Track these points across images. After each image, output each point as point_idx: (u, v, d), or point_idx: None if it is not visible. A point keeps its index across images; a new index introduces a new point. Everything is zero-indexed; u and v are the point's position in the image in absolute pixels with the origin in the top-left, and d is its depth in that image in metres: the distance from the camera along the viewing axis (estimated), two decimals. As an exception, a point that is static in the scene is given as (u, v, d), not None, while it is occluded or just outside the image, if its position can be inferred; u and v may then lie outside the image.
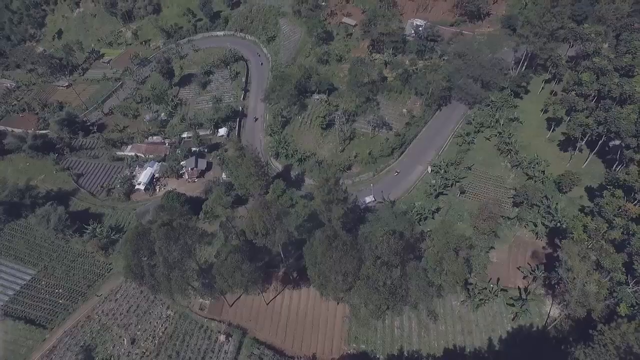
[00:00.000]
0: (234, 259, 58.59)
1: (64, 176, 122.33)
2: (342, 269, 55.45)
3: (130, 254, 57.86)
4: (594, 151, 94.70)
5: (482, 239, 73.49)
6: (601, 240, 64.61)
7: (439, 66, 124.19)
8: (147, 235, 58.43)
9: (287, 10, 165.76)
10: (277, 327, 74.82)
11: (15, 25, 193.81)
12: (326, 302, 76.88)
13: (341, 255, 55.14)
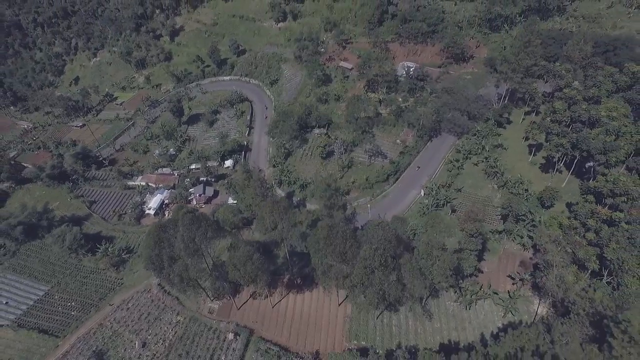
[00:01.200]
0: (246, 250, 66.17)
1: (77, 203, 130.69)
2: (340, 256, 62.97)
3: (152, 244, 65.33)
4: (571, 171, 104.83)
5: (471, 241, 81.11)
6: (575, 236, 72.68)
7: (428, 101, 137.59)
8: (168, 228, 66.35)
9: (289, 56, 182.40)
10: (282, 327, 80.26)
11: (37, 73, 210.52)
12: (328, 304, 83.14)
13: (340, 242, 62.89)
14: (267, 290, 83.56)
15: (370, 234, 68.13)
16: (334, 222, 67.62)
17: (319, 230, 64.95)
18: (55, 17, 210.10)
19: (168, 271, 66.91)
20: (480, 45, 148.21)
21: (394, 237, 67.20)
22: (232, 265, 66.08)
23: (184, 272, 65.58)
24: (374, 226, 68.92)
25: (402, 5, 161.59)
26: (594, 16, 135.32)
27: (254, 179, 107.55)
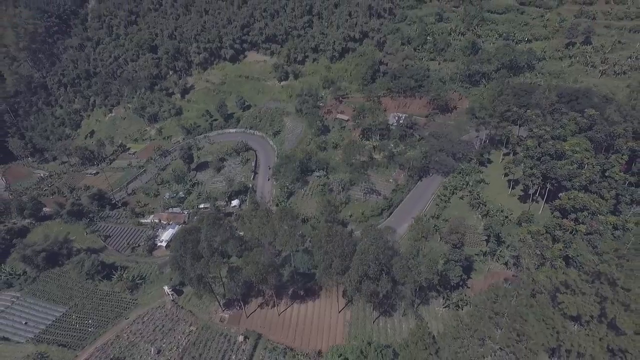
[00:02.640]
0: (258, 251, 77.88)
1: (93, 237, 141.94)
2: (340, 251, 74.85)
3: (178, 245, 77.19)
4: (545, 200, 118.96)
5: (455, 252, 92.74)
6: (543, 241, 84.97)
7: (417, 145, 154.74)
8: (194, 232, 78.63)
9: (291, 110, 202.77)
10: (288, 331, 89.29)
11: (56, 127, 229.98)
12: (329, 312, 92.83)
13: (339, 239, 74.95)
14: (274, 300, 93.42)
15: (365, 234, 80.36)
16: (334, 224, 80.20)
17: (322, 230, 77.31)
18: (78, 78, 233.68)
19: (190, 271, 77.93)
20: (462, 98, 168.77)
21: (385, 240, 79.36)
22: (246, 263, 77.44)
23: (204, 269, 76.63)
24: (367, 228, 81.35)
25: (392, 65, 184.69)
26: (558, 72, 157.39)
27: (260, 209, 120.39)
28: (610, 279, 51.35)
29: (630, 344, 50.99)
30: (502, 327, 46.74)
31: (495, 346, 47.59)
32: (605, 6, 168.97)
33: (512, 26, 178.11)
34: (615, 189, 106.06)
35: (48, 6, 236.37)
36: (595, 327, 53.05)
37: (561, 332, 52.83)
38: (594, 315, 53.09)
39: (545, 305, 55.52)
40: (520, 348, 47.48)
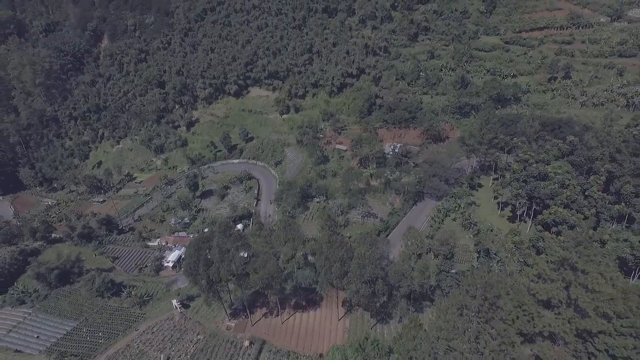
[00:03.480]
0: (265, 257, 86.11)
1: (102, 259, 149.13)
2: (339, 256, 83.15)
3: (192, 252, 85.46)
4: (531, 218, 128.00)
5: (446, 263, 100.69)
6: (526, 249, 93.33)
7: (411, 172, 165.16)
8: (207, 241, 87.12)
9: (292, 141, 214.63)
10: (291, 337, 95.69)
11: (65, 158, 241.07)
12: (330, 320, 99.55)
13: (338, 246, 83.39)
14: (278, 309, 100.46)
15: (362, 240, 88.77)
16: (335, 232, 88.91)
17: (323, 237, 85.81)
18: (89, 111, 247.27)
19: (202, 276, 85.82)
20: (453, 128, 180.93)
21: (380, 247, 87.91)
22: (253, 269, 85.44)
23: (215, 275, 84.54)
24: (364, 235, 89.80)
25: (387, 98, 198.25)
26: (542, 104, 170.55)
27: (264, 228, 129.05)
28: (572, 265, 59.52)
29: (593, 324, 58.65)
30: (475, 296, 54.12)
31: (471, 313, 54.79)
32: (582, 45, 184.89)
33: (498, 62, 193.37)
34: (595, 207, 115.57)
35: (64, 46, 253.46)
36: (564, 311, 60.73)
37: (536, 317, 60.53)
38: (562, 300, 60.86)
39: (520, 293, 63.36)
40: (493, 316, 54.83)
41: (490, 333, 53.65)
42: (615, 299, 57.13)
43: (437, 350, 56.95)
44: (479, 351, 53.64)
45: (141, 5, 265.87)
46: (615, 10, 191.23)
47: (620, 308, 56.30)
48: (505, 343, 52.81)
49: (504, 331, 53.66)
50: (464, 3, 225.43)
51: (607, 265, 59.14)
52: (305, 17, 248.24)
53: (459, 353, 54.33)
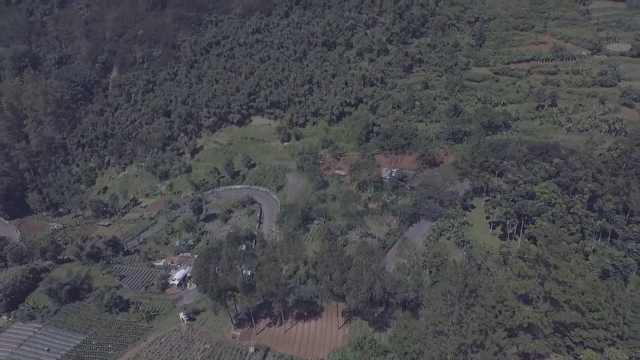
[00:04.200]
0: (270, 265, 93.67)
1: (109, 277, 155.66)
2: (338, 264, 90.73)
3: (202, 261, 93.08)
4: (520, 236, 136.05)
5: (439, 275, 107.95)
6: (512, 259, 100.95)
7: (407, 194, 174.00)
8: (217, 251, 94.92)
9: (293, 167, 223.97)
10: (294, 344, 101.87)
11: (72, 184, 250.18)
12: (330, 328, 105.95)
13: (338, 255, 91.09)
14: (281, 317, 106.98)
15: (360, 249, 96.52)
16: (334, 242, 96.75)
17: (324, 247, 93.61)
18: (96, 139, 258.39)
19: (211, 283, 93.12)
20: (447, 154, 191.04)
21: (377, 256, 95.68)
22: (259, 276, 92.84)
23: (223, 282, 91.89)
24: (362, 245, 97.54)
25: (384, 126, 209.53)
26: (531, 130, 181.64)
27: (268, 246, 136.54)
28: (545, 261, 67.10)
29: (567, 317, 65.83)
30: (457, 283, 61.06)
31: (454, 298, 61.73)
32: (566, 76, 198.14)
33: (489, 92, 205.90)
34: (579, 223, 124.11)
35: (75, 77, 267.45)
36: (541, 305, 67.91)
37: (516, 311, 67.63)
38: (540, 296, 68.14)
39: (502, 289, 70.62)
40: (473, 302, 61.77)
41: (472, 316, 60.88)
42: (586, 292, 64.77)
43: (426, 335, 63.87)
44: (462, 333, 60.77)
45: (149, 40, 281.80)
46: (595, 45, 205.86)
47: (590, 298, 63.84)
48: (485, 325, 59.97)
49: (484, 315, 60.92)
50: (455, 37, 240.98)
51: (577, 263, 67.04)
52: (306, 50, 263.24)
53: (444, 336, 61.37)
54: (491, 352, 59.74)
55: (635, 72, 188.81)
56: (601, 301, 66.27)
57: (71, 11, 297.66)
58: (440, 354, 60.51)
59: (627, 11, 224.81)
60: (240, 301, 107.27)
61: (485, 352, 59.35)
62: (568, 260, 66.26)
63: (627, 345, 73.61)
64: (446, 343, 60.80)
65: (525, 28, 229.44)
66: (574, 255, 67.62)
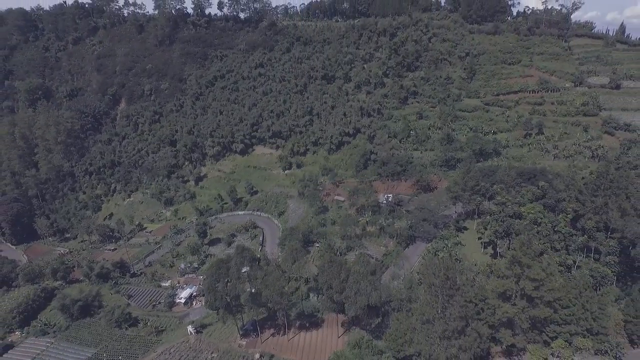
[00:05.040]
0: (276, 274, 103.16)
1: (117, 297, 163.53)
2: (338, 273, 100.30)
3: (213, 271, 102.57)
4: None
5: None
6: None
7: (403, 217, 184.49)
8: (226, 262, 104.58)
9: (294, 194, 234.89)
10: (297, 351, 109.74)
11: (78, 210, 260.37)
12: (331, 337, 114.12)
13: (338, 265, 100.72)
14: (285, 327, 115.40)
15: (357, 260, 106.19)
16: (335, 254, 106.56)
17: (324, 258, 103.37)
18: (104, 167, 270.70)
19: (221, 292, 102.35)
20: (441, 180, 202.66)
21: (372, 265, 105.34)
22: (264, 285, 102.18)
23: (232, 291, 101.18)
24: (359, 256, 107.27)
25: (381, 154, 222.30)
26: (520, 157, 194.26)
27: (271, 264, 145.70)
28: (519, 261, 76.72)
29: (541, 312, 75.10)
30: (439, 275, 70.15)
31: (437, 289, 70.56)
32: (551, 106, 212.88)
33: (480, 121, 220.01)
34: (564, 240, 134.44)
35: (86, 108, 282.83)
36: (518, 302, 77.07)
37: (497, 308, 76.72)
38: (516, 294, 77.45)
39: (484, 289, 79.82)
40: (454, 293, 70.75)
41: (453, 305, 70.14)
42: (555, 289, 74.67)
43: (415, 325, 72.81)
44: (445, 321, 69.78)
45: (157, 73, 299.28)
46: (577, 78, 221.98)
47: (560, 294, 73.62)
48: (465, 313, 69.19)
49: (464, 304, 70.23)
50: (447, 71, 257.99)
51: (548, 264, 77.12)
52: (306, 84, 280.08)
53: (430, 324, 70.34)
54: (472, 338, 68.70)
55: (614, 102, 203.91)
56: (570, 298, 75.75)
57: (84, 47, 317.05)
58: (427, 340, 69.32)
59: (605, 48, 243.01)
60: (248, 312, 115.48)
61: (466, 338, 68.45)
62: (540, 261, 76.09)
63: (597, 340, 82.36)
64: (431, 330, 69.71)
65: (513, 62, 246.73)
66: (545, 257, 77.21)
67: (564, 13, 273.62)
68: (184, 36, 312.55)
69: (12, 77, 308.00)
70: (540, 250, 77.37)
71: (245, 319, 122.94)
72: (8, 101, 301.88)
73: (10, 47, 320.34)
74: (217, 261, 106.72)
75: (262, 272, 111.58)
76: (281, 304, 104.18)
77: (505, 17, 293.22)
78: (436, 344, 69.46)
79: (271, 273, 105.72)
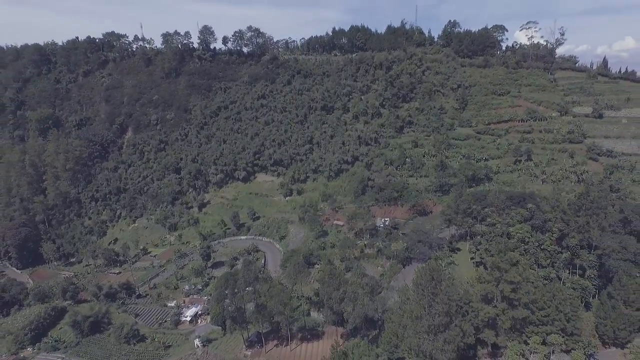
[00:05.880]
0: (280, 287, 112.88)
1: (125, 315, 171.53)
2: (337, 285, 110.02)
3: (222, 282, 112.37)
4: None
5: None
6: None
7: (399, 240, 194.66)
8: (234, 275, 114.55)
9: (294, 219, 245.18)
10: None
11: (83, 235, 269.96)
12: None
13: (337, 277, 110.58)
14: (288, 338, 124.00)
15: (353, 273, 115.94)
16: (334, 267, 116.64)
17: (325, 271, 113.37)
18: (110, 193, 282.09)
19: (229, 302, 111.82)
20: (435, 204, 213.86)
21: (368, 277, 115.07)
22: (269, 296, 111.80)
23: (239, 301, 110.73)
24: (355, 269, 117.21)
25: (378, 180, 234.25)
26: (510, 182, 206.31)
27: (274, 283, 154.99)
28: (497, 266, 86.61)
29: (519, 313, 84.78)
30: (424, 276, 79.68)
31: (423, 289, 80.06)
32: (539, 134, 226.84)
33: (472, 149, 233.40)
34: (550, 258, 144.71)
35: (94, 137, 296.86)
36: (498, 304, 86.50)
37: (480, 310, 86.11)
38: (497, 297, 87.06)
39: (468, 293, 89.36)
40: (438, 292, 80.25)
41: (437, 302, 79.80)
42: (531, 292, 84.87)
43: (406, 322, 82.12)
44: (431, 316, 79.26)
45: (163, 104, 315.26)
46: (562, 107, 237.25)
47: (535, 297, 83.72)
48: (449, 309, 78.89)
49: (447, 301, 79.97)
50: (440, 101, 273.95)
51: (524, 269, 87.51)
52: (307, 114, 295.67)
53: (418, 320, 79.75)
54: (455, 332, 77.84)
55: (597, 130, 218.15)
56: (545, 300, 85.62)
57: (94, 79, 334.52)
58: (415, 335, 78.44)
59: (587, 80, 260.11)
60: (254, 324, 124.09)
61: (450, 332, 77.60)
62: (517, 266, 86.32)
63: (572, 340, 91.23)
64: (419, 326, 79.02)
65: (502, 93, 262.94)
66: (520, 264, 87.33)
67: (549, 48, 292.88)
68: (190, 69, 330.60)
69: (24, 108, 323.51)
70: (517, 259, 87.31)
71: (250, 331, 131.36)
72: (19, 130, 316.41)
73: (24, 80, 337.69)
74: (225, 274, 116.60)
75: (266, 285, 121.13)
76: (285, 314, 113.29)
77: (495, 51, 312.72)
78: (423, 337, 78.73)
79: (275, 286, 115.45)
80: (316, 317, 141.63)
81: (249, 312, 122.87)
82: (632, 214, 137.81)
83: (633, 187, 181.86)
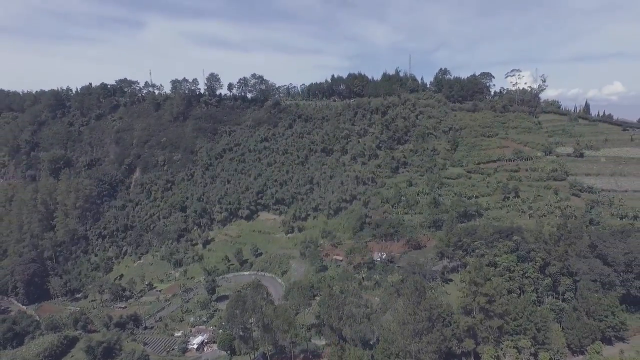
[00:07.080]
0: (285, 306, 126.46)
1: (134, 344, 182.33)
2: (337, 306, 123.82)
3: (233, 303, 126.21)
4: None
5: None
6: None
7: (395, 272, 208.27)
8: (242, 297, 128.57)
9: (296, 255, 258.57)
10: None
11: (89, 272, 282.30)
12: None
13: (336, 298, 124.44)
14: (292, 356, 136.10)
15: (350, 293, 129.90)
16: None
17: (325, 292, 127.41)
18: (117, 230, 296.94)
19: (239, 322, 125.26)
20: (429, 239, 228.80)
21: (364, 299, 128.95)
22: (275, 316, 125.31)
23: (247, 322, 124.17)
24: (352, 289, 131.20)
25: (375, 217, 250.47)
26: (499, 217, 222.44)
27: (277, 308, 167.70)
28: (474, 281, 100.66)
29: (495, 323, 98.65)
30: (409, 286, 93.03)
31: (409, 297, 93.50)
32: (526, 173, 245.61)
33: (463, 187, 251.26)
34: (533, 284, 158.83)
35: (104, 176, 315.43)
36: (477, 315, 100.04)
37: (460, 321, 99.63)
38: (475, 308, 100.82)
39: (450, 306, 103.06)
40: (420, 300, 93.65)
41: (421, 310, 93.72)
42: (504, 303, 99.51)
43: (395, 328, 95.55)
44: (416, 321, 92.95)
45: (171, 146, 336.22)
46: (547, 148, 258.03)
47: (508, 308, 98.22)
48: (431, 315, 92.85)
49: (429, 309, 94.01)
50: (433, 143, 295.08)
51: (497, 284, 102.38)
52: (307, 156, 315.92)
53: (405, 325, 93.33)
54: (436, 336, 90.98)
55: (579, 169, 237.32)
56: (517, 312, 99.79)
57: (105, 122, 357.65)
58: (402, 337, 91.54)
59: (569, 122, 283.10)
60: (261, 344, 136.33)
61: (432, 335, 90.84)
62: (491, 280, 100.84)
63: (543, 349, 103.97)
64: (406, 330, 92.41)
65: (491, 135, 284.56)
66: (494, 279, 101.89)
67: (533, 93, 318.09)
68: (197, 113, 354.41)
69: (38, 149, 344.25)
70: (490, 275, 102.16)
71: (256, 352, 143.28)
72: (32, 170, 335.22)
73: (39, 123, 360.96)
74: (235, 295, 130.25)
75: (272, 306, 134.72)
76: (289, 332, 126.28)
77: (483, 96, 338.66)
78: (409, 340, 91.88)
79: (280, 306, 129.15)
80: (318, 343, 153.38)
81: (255, 334, 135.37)
82: (598, 239, 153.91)
83: (612, 220, 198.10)
